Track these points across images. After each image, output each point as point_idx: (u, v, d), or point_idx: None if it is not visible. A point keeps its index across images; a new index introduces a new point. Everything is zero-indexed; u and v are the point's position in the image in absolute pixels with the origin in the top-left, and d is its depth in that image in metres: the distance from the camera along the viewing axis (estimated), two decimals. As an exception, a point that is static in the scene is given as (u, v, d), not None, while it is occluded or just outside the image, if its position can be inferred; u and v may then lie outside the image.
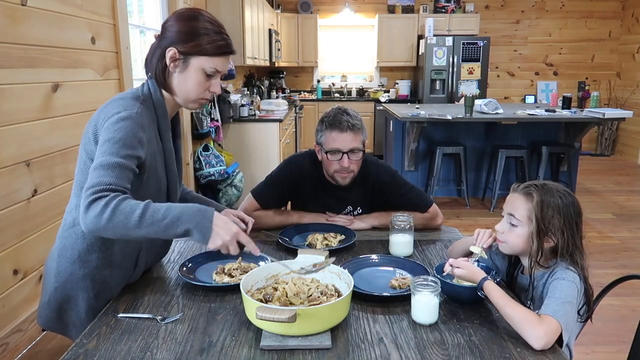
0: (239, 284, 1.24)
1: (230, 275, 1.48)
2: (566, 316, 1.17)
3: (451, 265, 1.34)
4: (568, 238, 1.29)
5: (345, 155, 1.82)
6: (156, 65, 1.34)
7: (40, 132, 1.97)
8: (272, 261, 1.41)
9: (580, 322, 1.34)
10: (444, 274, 1.34)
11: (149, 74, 1.38)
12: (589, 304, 1.32)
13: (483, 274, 1.28)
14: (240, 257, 1.57)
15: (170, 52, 1.30)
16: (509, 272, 1.49)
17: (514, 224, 1.34)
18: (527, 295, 1.37)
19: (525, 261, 1.39)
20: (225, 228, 1.22)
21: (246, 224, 1.66)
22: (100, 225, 1.14)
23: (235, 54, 1.42)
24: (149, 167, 1.32)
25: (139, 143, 1.24)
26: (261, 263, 1.56)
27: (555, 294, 1.21)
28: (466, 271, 1.31)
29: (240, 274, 1.48)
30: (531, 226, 1.30)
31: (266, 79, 7.32)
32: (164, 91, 1.38)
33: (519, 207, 1.33)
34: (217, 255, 1.62)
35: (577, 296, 1.25)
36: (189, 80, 1.34)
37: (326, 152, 1.85)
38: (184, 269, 1.51)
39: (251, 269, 1.51)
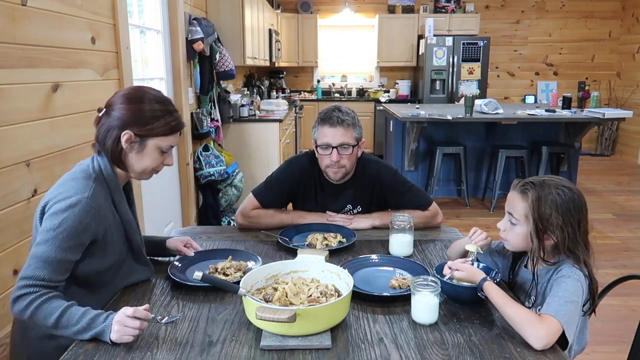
0: (237, 282, 1.25)
1: (225, 274, 1.49)
2: (568, 315, 1.17)
3: (450, 268, 1.34)
4: (568, 235, 1.27)
5: (334, 150, 1.84)
6: (112, 148, 1.35)
7: (40, 132, 1.97)
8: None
9: (582, 317, 1.33)
10: (445, 278, 1.34)
11: (100, 152, 1.38)
12: (593, 298, 1.31)
13: (482, 275, 1.28)
14: (230, 256, 1.59)
15: (126, 135, 1.33)
16: (512, 266, 1.48)
17: (513, 223, 1.34)
18: (529, 290, 1.37)
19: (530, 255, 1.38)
20: (117, 328, 1.17)
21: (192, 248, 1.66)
22: (24, 319, 1.20)
23: (185, 126, 1.46)
24: (105, 241, 1.34)
25: (85, 230, 1.26)
26: (250, 262, 1.57)
27: (559, 293, 1.21)
28: (466, 273, 1.31)
29: (235, 272, 1.49)
30: (529, 225, 1.29)
31: (266, 79, 7.32)
32: (116, 167, 1.40)
33: (516, 205, 1.33)
34: (206, 256, 1.64)
35: (582, 295, 1.24)
36: (146, 158, 1.39)
37: (317, 147, 1.89)
38: (175, 269, 1.53)
39: (244, 267, 1.54)
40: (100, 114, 1.38)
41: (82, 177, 1.33)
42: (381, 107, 6.95)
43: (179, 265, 1.56)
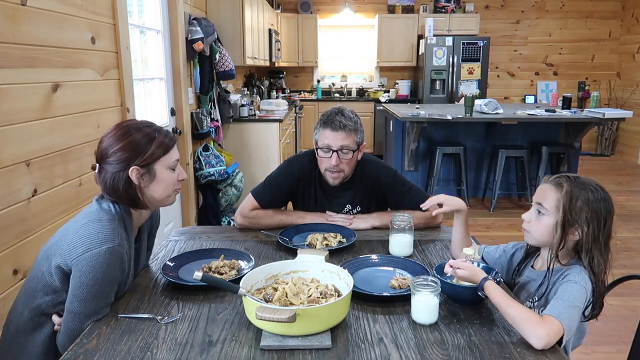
0: (233, 280, 1.25)
1: (220, 273, 1.49)
2: (570, 320, 1.17)
3: (451, 267, 1.34)
4: (592, 232, 1.27)
5: (334, 153, 1.85)
6: (126, 190, 1.35)
7: (40, 132, 1.97)
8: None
9: (581, 322, 1.33)
10: (447, 275, 1.34)
11: (113, 199, 1.37)
12: (594, 305, 1.30)
13: (484, 274, 1.28)
14: (222, 255, 1.60)
15: (134, 171, 1.34)
16: (515, 268, 1.49)
17: (541, 213, 1.34)
18: (537, 288, 1.37)
19: (545, 254, 1.38)
20: None
21: None
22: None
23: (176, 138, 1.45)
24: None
25: (120, 272, 1.31)
26: (242, 262, 1.57)
27: (564, 296, 1.21)
28: (467, 272, 1.31)
29: (230, 270, 1.50)
30: (558, 215, 1.29)
31: (266, 79, 7.32)
32: (132, 211, 1.41)
33: (548, 196, 1.33)
34: (197, 255, 1.65)
35: (585, 301, 1.24)
36: (161, 182, 1.41)
37: (318, 148, 1.89)
38: (167, 269, 1.52)
39: (237, 265, 1.54)
40: (96, 170, 1.38)
41: (107, 219, 1.32)
42: (381, 107, 6.96)
43: (172, 265, 1.56)
